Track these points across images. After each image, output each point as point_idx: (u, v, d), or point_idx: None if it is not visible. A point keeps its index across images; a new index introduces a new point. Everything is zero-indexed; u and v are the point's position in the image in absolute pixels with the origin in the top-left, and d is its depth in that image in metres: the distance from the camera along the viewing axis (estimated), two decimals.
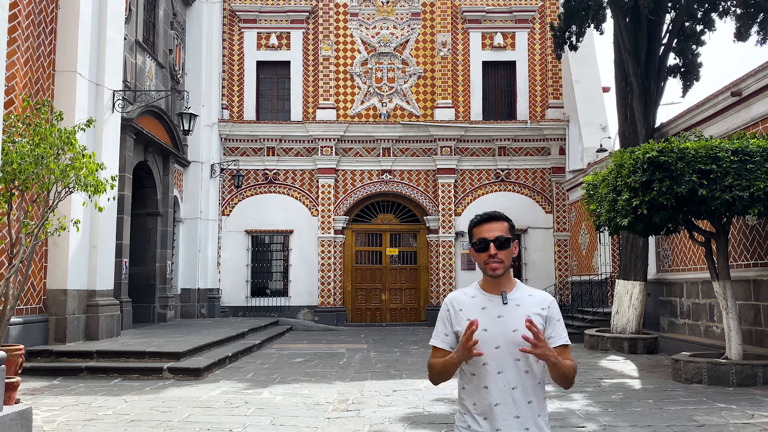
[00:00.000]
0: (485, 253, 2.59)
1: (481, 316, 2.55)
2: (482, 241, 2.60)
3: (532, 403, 2.53)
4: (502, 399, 2.51)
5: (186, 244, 19.05)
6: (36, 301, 10.94)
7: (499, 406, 2.51)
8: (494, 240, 2.58)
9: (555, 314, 2.60)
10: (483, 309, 2.59)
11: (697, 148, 8.70)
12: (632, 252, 13.73)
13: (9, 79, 10.00)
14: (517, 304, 2.57)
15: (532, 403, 2.53)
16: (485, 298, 2.61)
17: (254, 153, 20.75)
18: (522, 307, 2.56)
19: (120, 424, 6.84)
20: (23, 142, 7.03)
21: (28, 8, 10.70)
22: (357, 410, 7.62)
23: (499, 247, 2.58)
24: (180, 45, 19.13)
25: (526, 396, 2.52)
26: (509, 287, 2.62)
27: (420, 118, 20.90)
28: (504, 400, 2.51)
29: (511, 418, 2.50)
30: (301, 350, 13.93)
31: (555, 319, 2.59)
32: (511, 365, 2.53)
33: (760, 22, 13.16)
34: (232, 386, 9.25)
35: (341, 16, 21.26)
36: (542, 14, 21.34)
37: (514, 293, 2.61)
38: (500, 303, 2.57)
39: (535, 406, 2.54)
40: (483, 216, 2.66)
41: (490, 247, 2.58)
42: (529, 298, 2.61)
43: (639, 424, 6.82)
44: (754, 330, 10.82)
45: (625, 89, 14.38)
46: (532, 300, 2.61)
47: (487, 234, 2.60)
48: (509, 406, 2.51)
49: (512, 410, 2.51)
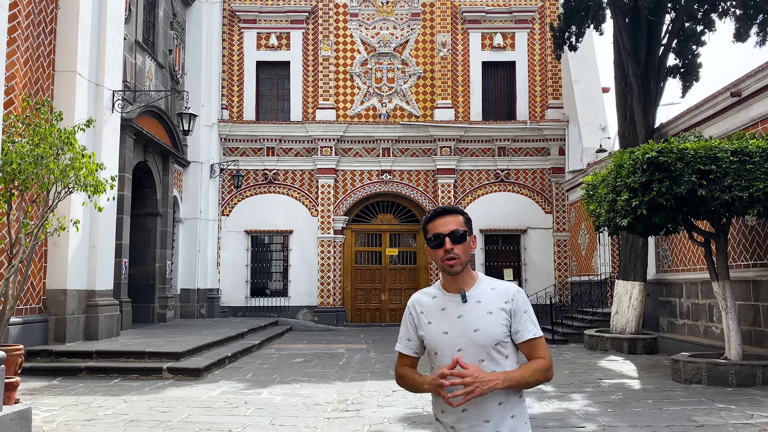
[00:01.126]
0: (441, 248, 2.44)
1: (441, 318, 2.44)
2: (437, 237, 2.45)
3: (503, 404, 2.38)
4: (469, 403, 2.33)
5: (185, 245, 19.04)
6: (35, 301, 10.94)
7: (466, 411, 2.36)
8: (449, 234, 2.43)
9: (521, 306, 2.43)
10: (443, 310, 2.46)
11: (697, 149, 8.70)
12: (632, 252, 13.74)
13: (9, 79, 10.00)
14: (477, 301, 2.43)
15: (503, 404, 2.38)
16: (445, 298, 2.47)
17: (254, 153, 20.75)
18: (483, 303, 2.42)
19: (119, 424, 6.84)
20: (23, 142, 7.03)
21: (28, 8, 10.70)
22: (356, 410, 7.62)
23: (454, 242, 2.42)
24: (180, 45, 19.13)
25: (496, 398, 2.36)
26: (470, 283, 2.47)
27: (420, 119, 20.90)
28: (471, 405, 2.35)
29: (481, 422, 2.36)
30: (301, 350, 13.94)
31: (521, 311, 2.42)
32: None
33: (759, 23, 13.17)
34: (231, 386, 9.25)
35: (341, 17, 21.27)
36: (542, 14, 21.34)
37: (474, 289, 2.46)
38: (460, 302, 2.44)
39: (507, 407, 2.38)
40: (437, 210, 2.51)
41: (446, 241, 2.42)
42: (491, 293, 2.45)
43: (638, 424, 6.82)
44: (753, 330, 10.83)
45: (624, 90, 14.38)
46: (495, 294, 2.44)
47: (442, 228, 2.45)
48: (477, 411, 2.36)
49: (481, 414, 2.36)
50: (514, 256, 20.70)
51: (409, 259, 21.08)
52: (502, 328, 2.40)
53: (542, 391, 8.78)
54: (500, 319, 2.40)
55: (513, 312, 2.42)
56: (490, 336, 2.38)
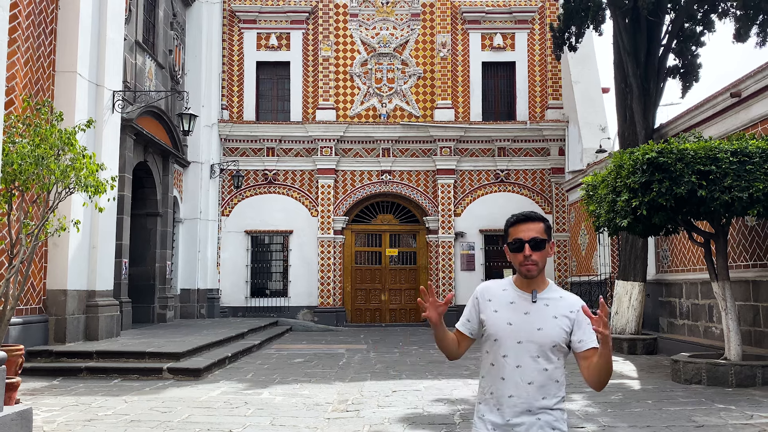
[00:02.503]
0: (520, 253, 2.60)
1: (508, 309, 2.61)
2: (517, 242, 2.61)
3: (547, 399, 2.57)
4: (516, 392, 2.55)
5: (185, 245, 19.05)
6: (36, 302, 10.95)
7: (512, 398, 2.55)
8: (529, 241, 2.59)
9: (585, 318, 2.57)
10: (511, 303, 2.63)
11: (697, 149, 8.71)
12: (631, 253, 13.74)
13: (9, 79, 10.00)
14: (546, 304, 2.61)
15: (547, 399, 2.57)
16: (516, 294, 2.65)
17: (254, 153, 20.76)
18: (550, 307, 2.60)
19: (120, 425, 6.84)
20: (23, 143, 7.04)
21: (28, 9, 10.70)
22: (356, 411, 7.63)
23: (534, 248, 2.59)
24: (180, 45, 19.13)
25: (540, 392, 2.56)
26: (541, 287, 2.64)
27: (420, 119, 20.91)
28: (518, 393, 2.55)
29: (523, 411, 2.54)
30: (301, 351, 13.94)
31: (585, 322, 2.58)
32: (530, 361, 2.57)
33: (759, 24, 13.17)
34: (231, 386, 9.25)
35: (341, 17, 21.27)
36: (542, 15, 21.35)
37: (545, 293, 2.64)
38: (529, 300, 2.61)
39: (549, 402, 2.57)
40: (519, 216, 2.67)
41: (525, 248, 2.59)
42: (559, 300, 2.64)
43: (638, 424, 6.83)
44: (753, 331, 10.84)
45: (624, 90, 14.39)
46: (562, 302, 2.63)
47: (523, 234, 2.60)
48: (522, 399, 2.55)
49: (525, 404, 2.54)
50: None
51: (409, 260, 21.08)
52: (562, 333, 2.58)
53: None
54: (563, 325, 2.58)
55: (576, 322, 2.59)
56: (550, 337, 2.57)
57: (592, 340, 2.57)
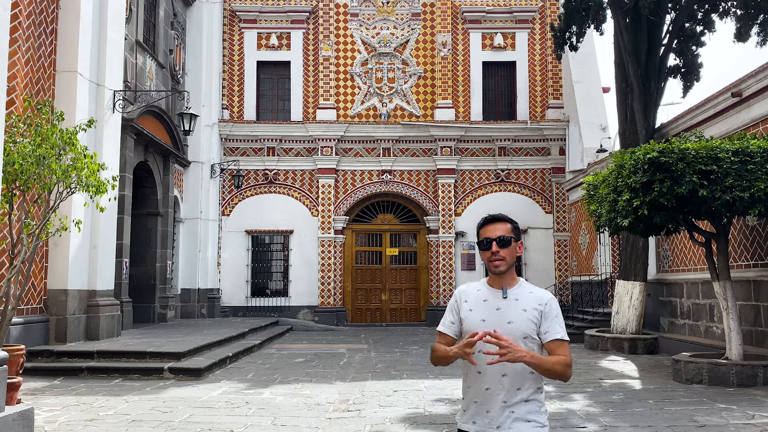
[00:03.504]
0: (489, 251, 2.80)
1: (482, 307, 2.79)
2: (486, 240, 2.82)
3: (521, 389, 2.70)
4: (493, 384, 2.71)
5: (186, 244, 19.05)
6: (37, 302, 10.95)
7: (489, 390, 2.71)
8: (497, 239, 2.79)
9: (552, 311, 2.75)
10: (484, 301, 2.81)
11: (698, 149, 8.71)
12: (632, 252, 13.74)
13: (10, 79, 9.99)
14: (516, 299, 2.78)
15: (521, 389, 2.70)
16: (488, 292, 2.83)
17: (254, 153, 20.75)
18: (520, 302, 2.77)
19: (121, 425, 6.84)
20: (24, 143, 7.04)
21: (29, 8, 10.70)
22: (358, 410, 7.63)
23: (501, 246, 2.79)
24: (180, 45, 19.13)
25: (516, 383, 2.70)
26: (511, 284, 2.82)
27: (420, 119, 20.90)
28: (494, 386, 2.71)
29: (500, 402, 2.69)
30: (302, 350, 13.94)
31: (552, 315, 2.74)
32: None
33: (760, 23, 13.17)
34: (232, 386, 9.25)
35: (341, 17, 21.27)
36: (542, 14, 21.35)
37: (515, 289, 2.81)
38: (500, 297, 2.79)
39: (524, 392, 2.71)
40: (488, 218, 2.88)
41: (493, 245, 2.79)
42: (529, 295, 2.80)
43: (639, 424, 6.83)
44: (754, 330, 10.83)
45: (625, 90, 14.39)
46: (532, 297, 2.79)
47: (491, 234, 2.82)
48: (498, 391, 2.70)
49: (501, 395, 2.70)
50: None
51: (409, 259, 21.07)
52: (531, 325, 2.73)
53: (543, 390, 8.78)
54: (532, 318, 2.73)
55: (544, 314, 2.75)
56: (520, 329, 2.71)
57: (556, 332, 2.72)
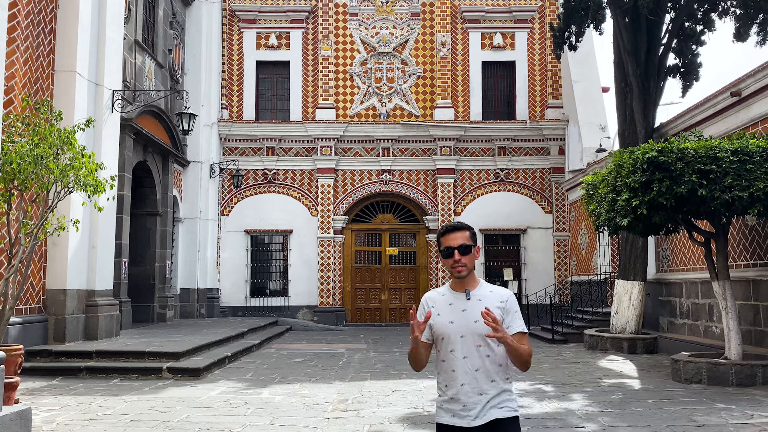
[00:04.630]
0: (451, 258, 3.02)
1: (448, 311, 3.01)
2: (448, 249, 3.03)
3: (495, 381, 2.94)
4: (467, 380, 2.93)
5: (185, 244, 19.04)
6: (35, 301, 10.93)
7: (464, 385, 2.92)
8: (458, 247, 3.01)
9: (512, 307, 3.02)
10: (450, 305, 3.02)
11: (697, 149, 8.70)
12: (632, 252, 13.73)
13: (8, 78, 9.99)
14: (478, 299, 2.99)
15: (495, 381, 2.94)
16: (453, 296, 3.05)
17: (254, 153, 20.74)
18: (483, 301, 2.97)
19: (119, 424, 6.83)
20: (23, 142, 7.03)
21: (28, 8, 10.69)
22: (356, 410, 7.62)
23: (462, 253, 3.01)
24: (179, 45, 19.12)
25: (489, 376, 2.93)
26: (473, 286, 3.04)
27: (419, 118, 20.90)
28: (469, 381, 2.93)
29: (476, 395, 2.92)
30: (301, 350, 13.93)
31: (512, 311, 3.01)
32: (474, 351, 2.95)
33: (759, 23, 13.17)
34: (231, 386, 9.24)
35: (341, 16, 21.26)
36: (542, 14, 21.34)
37: (476, 291, 3.03)
38: (465, 299, 3.00)
39: (497, 384, 2.94)
40: (448, 227, 3.09)
41: (455, 253, 3.01)
42: (490, 294, 3.04)
43: (638, 424, 6.82)
44: (753, 330, 10.83)
45: (624, 89, 14.38)
46: (493, 295, 3.03)
47: (452, 242, 3.02)
48: (473, 386, 2.92)
49: (476, 388, 2.92)
50: (514, 256, 20.69)
51: (408, 259, 21.07)
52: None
53: (542, 391, 8.78)
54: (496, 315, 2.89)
55: (506, 310, 3.00)
56: (485, 327, 2.86)
57: (518, 326, 2.99)
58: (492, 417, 2.89)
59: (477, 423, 2.89)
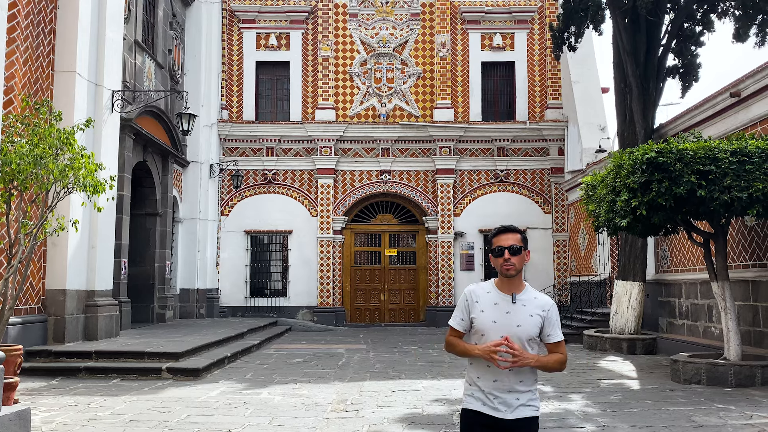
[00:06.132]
0: (501, 257, 3.19)
1: (492, 310, 3.18)
2: (499, 248, 3.21)
3: (523, 381, 3.16)
4: (499, 377, 3.14)
5: (185, 245, 19.04)
6: (35, 301, 10.93)
7: (497, 382, 3.15)
8: (509, 248, 3.19)
9: (553, 316, 3.20)
10: (495, 304, 3.19)
11: (696, 149, 8.71)
12: (631, 252, 13.74)
13: (8, 79, 9.99)
14: (523, 305, 3.17)
15: (523, 381, 3.16)
16: (498, 296, 3.21)
17: (253, 153, 20.75)
18: (527, 307, 3.17)
19: (119, 425, 6.83)
20: (22, 143, 7.04)
21: (27, 8, 10.69)
22: (356, 411, 7.62)
23: (512, 254, 3.18)
24: (179, 45, 19.12)
25: (518, 375, 3.14)
26: (519, 288, 3.21)
27: (419, 119, 20.90)
28: (500, 378, 3.14)
29: (506, 392, 3.14)
30: (300, 350, 13.93)
31: (553, 320, 3.20)
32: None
33: (758, 24, 13.17)
34: (230, 386, 9.24)
35: (340, 17, 21.26)
36: (541, 15, 21.35)
37: (522, 295, 3.20)
38: (510, 302, 3.17)
39: (525, 384, 3.16)
40: (501, 228, 3.28)
41: (505, 252, 3.18)
42: (534, 300, 3.20)
43: (637, 424, 6.82)
44: (752, 331, 10.83)
45: (624, 90, 14.39)
46: (536, 302, 3.20)
47: (503, 242, 3.21)
48: (504, 382, 3.14)
49: (506, 385, 3.14)
50: None
51: (408, 260, 21.07)
52: (536, 328, 3.17)
53: (541, 391, 8.78)
54: (537, 322, 3.17)
55: (547, 319, 3.19)
56: (527, 332, 3.15)
57: (557, 336, 3.21)
58: (522, 414, 3.13)
59: (509, 417, 3.11)
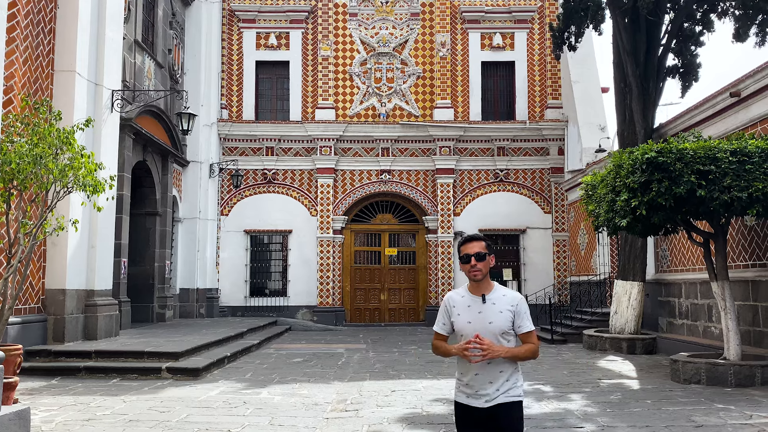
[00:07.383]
0: (468, 264, 3.57)
1: (467, 312, 3.56)
2: (466, 256, 3.59)
3: (503, 372, 3.50)
4: (481, 371, 3.49)
5: (185, 244, 19.04)
6: (34, 301, 10.93)
7: (478, 375, 3.50)
8: (474, 255, 3.57)
9: (522, 310, 3.55)
10: (468, 306, 3.57)
11: (696, 149, 8.71)
12: (631, 252, 13.74)
13: (8, 78, 9.99)
14: (493, 303, 3.54)
15: (503, 372, 3.50)
16: (471, 299, 3.59)
17: (253, 153, 20.74)
18: (497, 305, 3.53)
19: (118, 424, 6.83)
20: (22, 142, 7.03)
21: (27, 8, 10.69)
22: (355, 410, 7.62)
23: (478, 260, 3.57)
24: (179, 45, 19.12)
25: (498, 367, 3.49)
26: (488, 289, 3.59)
27: (419, 118, 20.90)
28: (482, 371, 3.49)
29: (487, 383, 3.49)
30: (300, 350, 13.93)
31: (522, 312, 3.54)
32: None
33: (758, 23, 13.17)
34: (230, 386, 9.24)
35: (340, 16, 21.26)
36: (541, 14, 21.34)
37: (491, 294, 3.57)
38: (481, 302, 3.55)
39: (505, 374, 3.50)
40: (467, 237, 3.70)
41: (472, 260, 3.56)
42: (503, 298, 3.57)
43: (637, 424, 6.82)
44: (752, 330, 10.83)
45: (624, 90, 14.38)
46: (505, 299, 3.56)
47: (470, 250, 3.60)
48: (485, 375, 3.49)
49: (487, 377, 3.49)
50: (513, 256, 20.70)
51: (408, 259, 21.07)
52: (507, 322, 3.51)
53: (541, 391, 8.79)
54: (507, 317, 3.52)
55: (516, 313, 3.54)
56: (499, 327, 3.50)
57: (526, 327, 3.53)
58: (499, 401, 3.46)
59: (487, 405, 3.46)
